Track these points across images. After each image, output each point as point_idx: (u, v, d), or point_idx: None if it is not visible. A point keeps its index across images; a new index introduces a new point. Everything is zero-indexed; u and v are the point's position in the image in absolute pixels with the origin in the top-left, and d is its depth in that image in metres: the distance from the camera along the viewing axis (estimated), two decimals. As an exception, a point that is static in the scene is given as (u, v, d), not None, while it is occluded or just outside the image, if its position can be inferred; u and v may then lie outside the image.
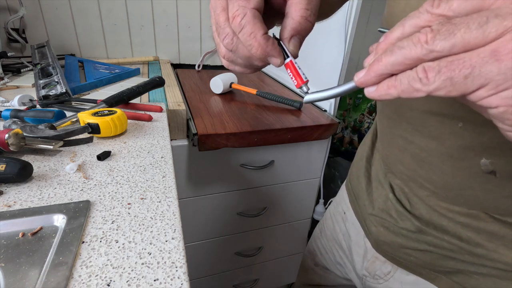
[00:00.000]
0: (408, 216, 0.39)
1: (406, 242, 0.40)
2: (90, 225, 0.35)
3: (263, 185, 0.94)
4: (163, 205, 0.39)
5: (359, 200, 0.49)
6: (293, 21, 0.25)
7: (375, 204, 0.44)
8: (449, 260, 0.37)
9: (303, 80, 0.26)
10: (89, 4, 1.10)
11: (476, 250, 0.35)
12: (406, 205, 0.40)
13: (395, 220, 0.41)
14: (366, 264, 0.48)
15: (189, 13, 1.24)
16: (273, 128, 0.80)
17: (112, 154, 0.50)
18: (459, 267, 0.37)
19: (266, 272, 1.16)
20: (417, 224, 0.38)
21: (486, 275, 0.35)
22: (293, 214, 1.06)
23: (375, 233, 0.44)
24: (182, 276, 0.30)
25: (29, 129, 0.50)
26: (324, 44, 0.95)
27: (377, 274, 0.46)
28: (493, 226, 0.33)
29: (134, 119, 0.63)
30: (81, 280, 0.29)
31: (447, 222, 0.36)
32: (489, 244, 0.34)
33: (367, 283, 0.49)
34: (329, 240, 0.59)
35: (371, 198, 0.46)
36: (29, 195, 0.39)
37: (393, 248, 0.42)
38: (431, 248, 0.38)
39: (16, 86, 0.82)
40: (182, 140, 0.78)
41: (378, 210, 0.44)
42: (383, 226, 0.42)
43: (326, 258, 0.60)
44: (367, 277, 0.48)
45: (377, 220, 0.44)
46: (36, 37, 1.10)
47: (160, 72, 1.09)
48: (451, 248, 0.36)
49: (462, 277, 0.37)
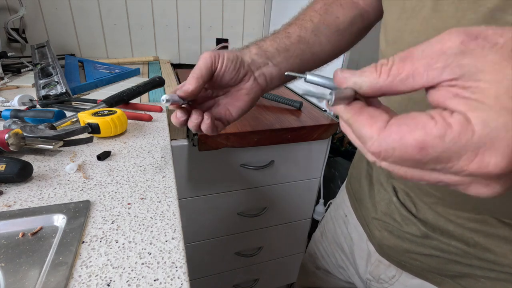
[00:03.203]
0: (413, 220, 0.38)
1: (411, 247, 0.39)
2: (90, 225, 0.35)
3: (263, 185, 0.94)
4: (163, 205, 0.39)
5: (361, 203, 0.48)
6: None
7: (378, 207, 0.43)
8: (456, 265, 0.36)
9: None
10: (89, 4, 1.10)
11: (485, 255, 0.34)
12: (411, 209, 0.39)
13: (399, 224, 0.40)
14: (370, 268, 0.47)
15: (189, 13, 1.24)
16: (273, 128, 0.80)
17: (112, 154, 0.50)
18: (466, 271, 0.36)
19: (266, 272, 1.16)
20: (423, 229, 0.37)
21: (494, 279, 0.34)
22: (293, 214, 1.06)
23: (379, 237, 0.43)
24: (182, 276, 0.30)
25: (29, 129, 0.50)
26: (324, 44, 0.95)
27: (381, 278, 0.46)
28: (503, 231, 0.33)
29: (134, 119, 0.63)
30: (81, 280, 0.29)
31: (454, 228, 0.35)
32: (498, 249, 0.33)
33: (371, 287, 0.48)
34: (330, 243, 0.58)
35: (373, 201, 0.45)
36: (29, 195, 0.39)
37: (397, 252, 0.41)
38: (438, 253, 0.37)
39: (16, 86, 0.82)
40: (182, 140, 0.78)
41: (381, 213, 0.43)
42: (387, 230, 0.42)
43: (327, 262, 0.59)
44: (372, 281, 0.47)
45: (380, 224, 0.43)
46: (36, 37, 1.10)
47: (160, 72, 1.09)
48: (458, 253, 0.36)
49: (469, 280, 0.36)
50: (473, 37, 0.16)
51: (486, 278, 0.35)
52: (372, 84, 0.19)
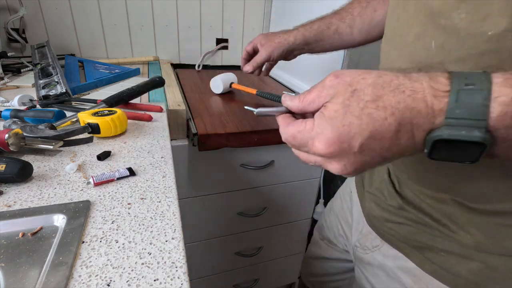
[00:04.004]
0: (395, 195, 0.45)
1: (390, 217, 0.45)
2: (90, 225, 0.35)
3: (263, 185, 0.94)
4: (163, 205, 0.39)
5: (364, 180, 0.54)
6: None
7: (373, 183, 0.50)
8: (422, 236, 0.41)
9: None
10: (89, 4, 1.10)
11: (443, 229, 0.39)
12: (396, 185, 0.45)
13: (385, 198, 0.46)
14: (360, 237, 0.54)
15: (189, 13, 1.24)
16: (273, 128, 0.80)
17: (112, 154, 0.50)
18: (430, 243, 0.40)
19: (266, 272, 1.16)
20: (400, 201, 0.44)
21: (450, 252, 0.39)
22: (293, 214, 1.06)
23: (368, 208, 0.50)
24: (182, 276, 0.30)
25: (29, 129, 0.50)
26: (324, 44, 0.95)
27: (366, 245, 0.52)
28: (456, 210, 0.37)
29: (134, 119, 0.63)
30: (81, 280, 0.29)
31: (419, 202, 0.41)
32: (452, 226, 0.38)
33: (356, 252, 0.55)
34: (336, 216, 0.64)
35: (371, 178, 0.51)
36: (29, 195, 0.39)
37: (379, 222, 0.48)
38: (409, 222, 0.43)
39: (16, 86, 0.82)
40: (182, 140, 0.78)
41: (374, 188, 0.49)
42: (375, 203, 0.48)
43: (331, 232, 0.65)
44: (358, 248, 0.54)
45: (371, 197, 0.50)
46: (36, 37, 1.09)
47: (160, 72, 1.09)
48: (425, 223, 0.41)
49: (431, 254, 0.41)
50: (336, 76, 0.27)
51: (445, 252, 0.39)
52: (296, 106, 0.30)
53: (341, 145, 0.25)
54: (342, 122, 0.25)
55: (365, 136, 0.25)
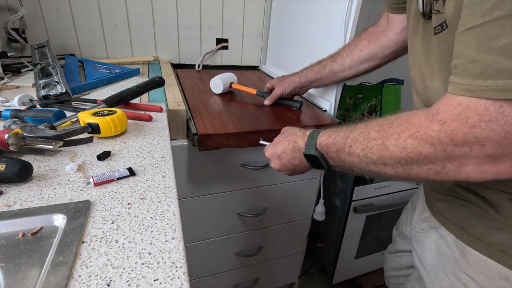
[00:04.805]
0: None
1: (441, 197, 0.54)
2: (90, 225, 0.35)
3: (263, 185, 0.94)
4: (163, 205, 0.39)
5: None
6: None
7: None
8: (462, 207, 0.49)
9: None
10: (89, 4, 1.10)
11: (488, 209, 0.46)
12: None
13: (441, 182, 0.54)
14: (418, 220, 0.62)
15: (189, 13, 1.24)
16: (273, 128, 0.80)
17: (112, 154, 0.50)
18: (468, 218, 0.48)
19: (266, 272, 1.16)
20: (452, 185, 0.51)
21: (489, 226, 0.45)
22: (293, 214, 1.06)
23: (427, 193, 0.60)
24: (182, 276, 0.30)
25: (29, 129, 0.50)
26: (324, 44, 0.95)
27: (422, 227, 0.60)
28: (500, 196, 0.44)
29: (134, 119, 0.63)
30: (81, 280, 0.29)
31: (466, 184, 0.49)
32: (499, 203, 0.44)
33: (413, 232, 0.63)
34: (409, 209, 0.72)
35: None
36: (29, 195, 0.39)
37: (432, 201, 0.57)
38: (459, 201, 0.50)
39: (16, 86, 0.82)
40: (182, 140, 0.78)
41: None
42: (432, 188, 0.57)
43: (403, 224, 0.74)
44: (415, 229, 0.62)
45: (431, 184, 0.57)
46: (36, 37, 1.09)
47: (160, 72, 1.09)
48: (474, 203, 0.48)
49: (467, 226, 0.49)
50: (283, 132, 0.58)
51: (482, 224, 0.46)
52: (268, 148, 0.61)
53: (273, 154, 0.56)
54: (275, 146, 0.56)
55: (280, 151, 0.55)
